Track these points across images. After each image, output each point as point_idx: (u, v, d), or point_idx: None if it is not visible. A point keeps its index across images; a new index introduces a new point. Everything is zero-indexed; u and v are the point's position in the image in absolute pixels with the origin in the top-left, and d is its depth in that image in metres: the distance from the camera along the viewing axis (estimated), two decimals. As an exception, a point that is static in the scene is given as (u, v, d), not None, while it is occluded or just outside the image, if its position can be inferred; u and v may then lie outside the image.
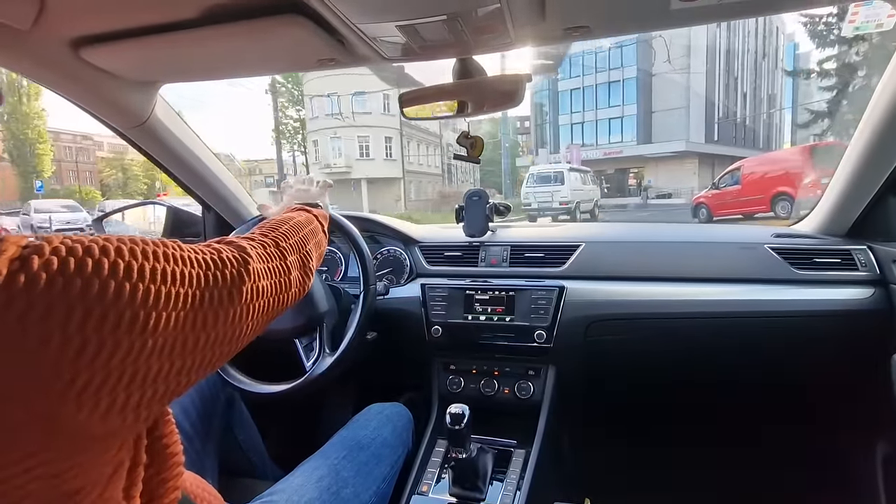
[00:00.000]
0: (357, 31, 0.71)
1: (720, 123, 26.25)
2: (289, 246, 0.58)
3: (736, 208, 10.22)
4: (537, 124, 30.33)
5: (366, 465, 0.81)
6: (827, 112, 15.66)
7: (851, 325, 0.99)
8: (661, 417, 1.37)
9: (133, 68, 0.88)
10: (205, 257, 0.43)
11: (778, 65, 30.05)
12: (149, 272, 0.35)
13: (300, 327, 0.97)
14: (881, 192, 0.98)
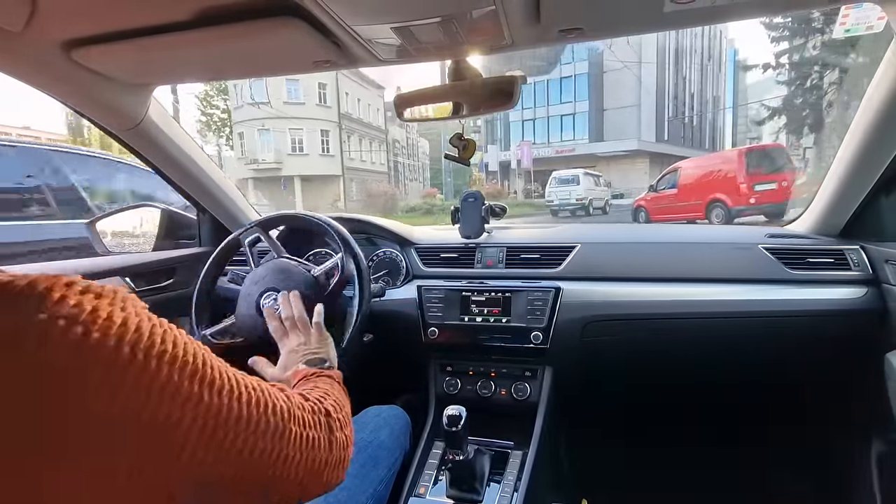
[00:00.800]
0: (352, 32, 0.70)
1: (670, 123, 26.41)
2: (337, 421, 0.55)
3: (673, 213, 9.88)
4: (487, 120, 29.26)
5: (362, 468, 0.81)
6: (771, 114, 16.83)
7: (845, 325, 1.00)
8: (658, 418, 1.37)
9: (126, 70, 0.87)
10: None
11: (721, 68, 30.89)
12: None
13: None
14: (873, 192, 0.99)
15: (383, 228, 1.29)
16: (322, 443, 0.47)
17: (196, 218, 1.43)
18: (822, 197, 1.10)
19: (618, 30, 0.79)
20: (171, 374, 0.34)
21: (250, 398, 0.40)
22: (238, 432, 0.37)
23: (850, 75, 13.56)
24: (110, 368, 0.31)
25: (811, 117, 15.89)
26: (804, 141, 18.13)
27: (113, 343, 0.32)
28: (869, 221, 1.05)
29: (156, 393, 0.33)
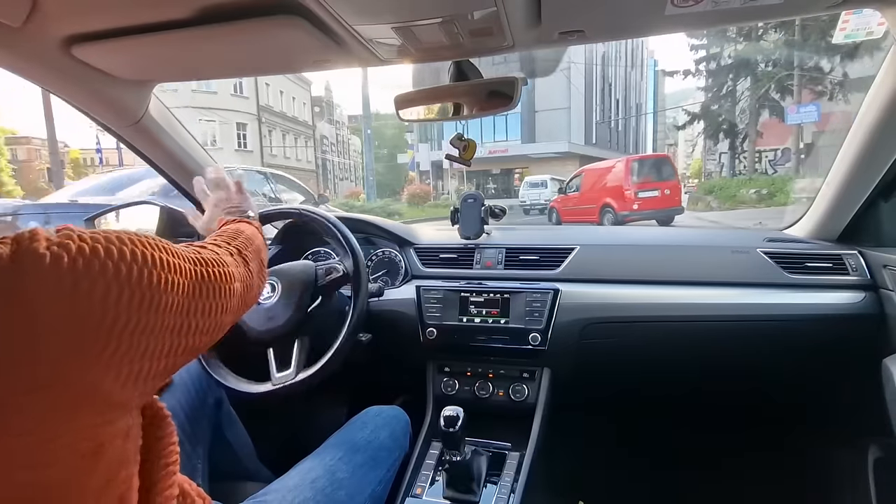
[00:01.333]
0: (353, 32, 0.70)
1: (598, 126, 26.68)
2: (249, 254, 0.63)
3: (575, 215, 10.51)
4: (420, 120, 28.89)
5: (361, 468, 0.81)
6: (690, 120, 17.94)
7: (842, 330, 1.00)
8: (655, 420, 1.37)
9: (126, 67, 0.87)
10: (190, 255, 0.48)
11: (643, 76, 31.86)
12: (159, 261, 0.40)
13: (292, 328, 0.96)
14: (872, 197, 0.99)
15: (382, 228, 1.29)
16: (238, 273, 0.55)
17: (195, 216, 1.43)
18: (821, 202, 1.10)
19: (619, 32, 0.79)
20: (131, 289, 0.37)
21: (202, 275, 0.47)
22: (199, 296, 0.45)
23: (760, 83, 14.52)
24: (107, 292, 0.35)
25: (727, 123, 16.63)
26: (720, 146, 18.92)
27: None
28: (867, 226, 1.05)
29: (123, 303, 0.36)
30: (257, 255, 0.66)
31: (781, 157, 16.15)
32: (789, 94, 14.11)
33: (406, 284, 1.20)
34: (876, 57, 9.94)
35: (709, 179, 18.37)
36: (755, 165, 16.33)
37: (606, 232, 1.41)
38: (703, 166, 23.09)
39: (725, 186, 13.65)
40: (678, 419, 1.36)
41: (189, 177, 1.25)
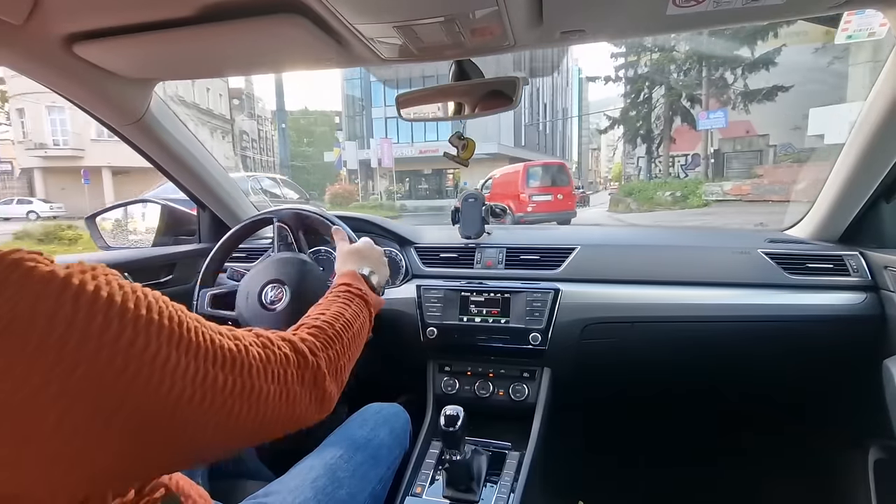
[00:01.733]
0: (354, 31, 0.70)
1: (527, 129, 26.86)
2: (330, 354, 0.56)
3: None
4: (349, 115, 27.48)
5: (362, 466, 0.80)
6: (611, 124, 19.09)
7: (843, 331, 1.00)
8: (655, 421, 1.37)
9: (128, 65, 0.87)
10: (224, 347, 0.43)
11: (569, 82, 32.74)
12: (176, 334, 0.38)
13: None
14: (873, 198, 0.99)
15: (383, 228, 1.29)
16: (293, 380, 0.48)
17: (196, 214, 1.43)
18: (823, 203, 1.10)
19: (620, 32, 0.79)
20: (148, 338, 0.36)
21: (224, 360, 0.41)
22: (206, 391, 0.39)
23: (673, 91, 15.56)
24: (85, 332, 0.33)
25: (643, 128, 17.79)
26: (638, 150, 19.81)
27: (85, 310, 0.33)
28: (869, 227, 1.05)
29: (133, 355, 0.34)
30: (345, 350, 0.58)
31: (692, 161, 17.07)
32: (698, 102, 15.26)
33: (407, 284, 1.20)
34: (773, 71, 10.32)
35: (628, 182, 18.97)
36: (669, 169, 17.35)
37: (607, 232, 1.41)
38: (623, 169, 23.55)
39: (643, 189, 14.29)
40: (678, 419, 1.36)
41: (190, 176, 1.25)
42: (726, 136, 15.17)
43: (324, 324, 0.59)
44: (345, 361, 0.58)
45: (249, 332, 0.48)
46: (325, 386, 0.51)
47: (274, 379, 0.45)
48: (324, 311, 0.63)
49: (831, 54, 10.55)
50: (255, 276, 0.99)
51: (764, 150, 15.00)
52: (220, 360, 0.40)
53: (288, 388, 0.46)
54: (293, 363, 0.48)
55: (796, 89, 12.67)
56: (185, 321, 0.39)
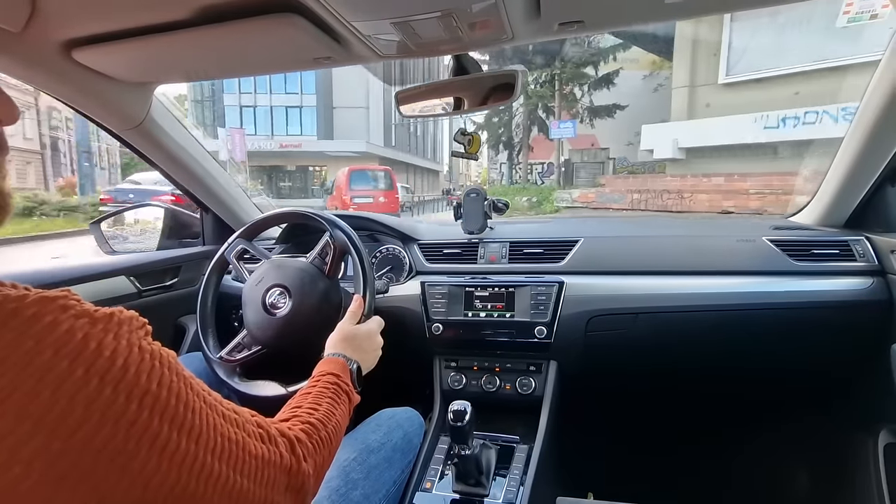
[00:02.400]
0: (352, 29, 0.70)
1: (397, 129, 25.90)
2: (317, 458, 0.54)
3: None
4: (196, 100, 24.16)
5: (376, 468, 0.81)
6: (475, 129, 18.65)
7: (851, 316, 1.00)
8: (663, 410, 1.37)
9: (127, 70, 0.87)
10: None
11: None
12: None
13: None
14: (878, 182, 0.98)
15: (385, 225, 1.29)
16: (279, 487, 0.45)
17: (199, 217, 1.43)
18: (827, 188, 1.09)
19: (619, 22, 0.78)
20: (151, 417, 0.34)
21: (223, 450, 0.39)
22: (199, 482, 0.36)
23: (531, 101, 16.31)
24: (88, 406, 0.31)
25: (505, 135, 18.49)
26: (500, 157, 20.39)
27: (95, 382, 0.31)
28: (874, 212, 1.04)
29: (133, 435, 0.32)
30: (325, 443, 0.55)
31: (547, 169, 18.20)
32: (553, 113, 16.44)
33: (411, 280, 1.20)
34: (613, 91, 12.20)
35: (492, 187, 19.36)
36: (528, 176, 18.28)
37: (611, 223, 1.40)
38: (489, 174, 23.60)
39: (505, 194, 15.11)
40: (686, 408, 1.36)
41: (193, 179, 1.25)
42: (575, 147, 16.50)
43: (317, 422, 0.56)
44: (326, 470, 0.55)
45: (252, 416, 0.46)
46: (306, 496, 0.49)
47: (263, 482, 0.42)
48: (316, 406, 0.59)
49: (656, 81, 12.31)
50: (260, 279, 0.99)
51: (605, 161, 16.56)
52: (220, 450, 0.38)
53: (272, 495, 0.43)
54: (286, 466, 0.46)
55: (631, 108, 14.46)
56: (192, 400, 0.37)
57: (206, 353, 1.01)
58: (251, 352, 0.98)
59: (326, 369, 0.69)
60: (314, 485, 0.51)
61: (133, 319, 0.36)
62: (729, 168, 9.14)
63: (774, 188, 7.74)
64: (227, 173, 1.35)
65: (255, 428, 0.44)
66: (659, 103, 11.40)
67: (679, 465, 1.36)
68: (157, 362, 0.36)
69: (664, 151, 10.35)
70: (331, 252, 0.99)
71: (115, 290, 1.10)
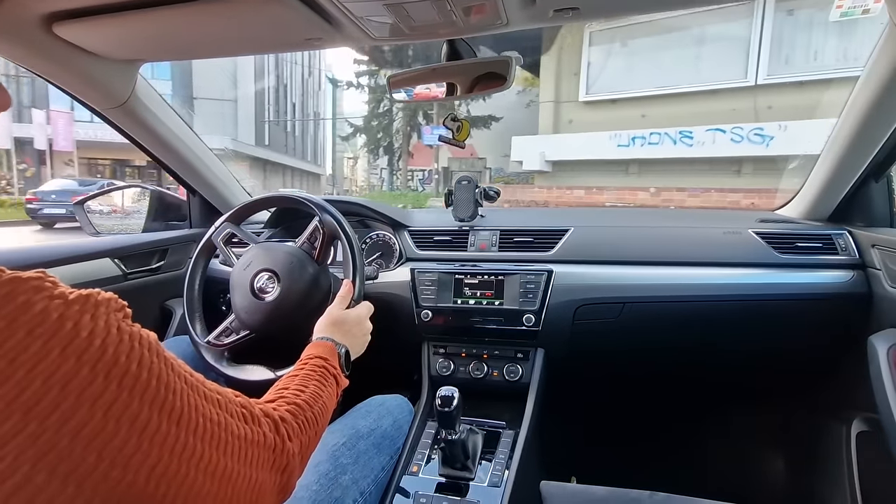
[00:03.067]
0: (344, 10, 0.69)
1: (272, 127, 24.16)
2: (302, 438, 0.54)
3: None
4: (10, 75, 18.16)
5: (365, 454, 0.82)
6: (353, 132, 19.07)
7: (831, 308, 1.02)
8: (647, 398, 1.40)
9: (111, 46, 0.85)
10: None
11: (321, 85, 30.85)
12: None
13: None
14: (862, 178, 1.00)
15: (377, 211, 1.28)
16: (264, 465, 0.45)
17: (186, 199, 1.41)
18: (813, 183, 1.10)
19: (614, 10, 0.78)
20: (131, 398, 0.33)
21: (206, 431, 0.38)
22: (181, 463, 0.36)
23: (409, 106, 15.90)
24: (65, 387, 0.30)
25: (385, 140, 17.98)
26: (380, 162, 19.89)
27: (72, 362, 0.31)
28: (857, 207, 1.06)
29: (112, 416, 0.32)
30: (310, 423, 0.55)
31: (427, 176, 18.10)
32: (431, 121, 16.24)
33: (400, 267, 1.20)
34: (489, 102, 12.19)
35: (372, 192, 19.02)
36: (409, 182, 18.12)
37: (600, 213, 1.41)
38: (368, 179, 22.99)
39: (382, 198, 14.68)
40: (669, 396, 1.39)
41: (179, 161, 1.23)
42: (455, 155, 16.51)
43: (304, 403, 0.56)
44: (311, 451, 0.55)
45: (236, 397, 0.46)
46: (291, 475, 0.49)
47: (247, 461, 0.42)
48: (302, 388, 0.59)
49: (529, 97, 12.74)
50: (248, 263, 0.98)
51: (483, 170, 16.76)
52: (202, 431, 0.38)
53: (258, 473, 0.43)
54: (270, 446, 0.46)
55: (506, 121, 14.50)
56: (173, 382, 0.37)
57: (193, 338, 1.00)
58: (239, 336, 0.98)
59: (314, 352, 0.69)
60: (300, 464, 0.51)
61: (111, 301, 0.36)
62: (590, 181, 9.88)
63: (626, 202, 8.54)
64: (215, 155, 1.32)
65: (238, 408, 0.44)
66: (531, 118, 11.85)
67: (660, 450, 1.40)
68: (136, 343, 0.35)
69: (533, 163, 10.74)
70: (320, 237, 0.98)
71: (99, 272, 1.08)
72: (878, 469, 0.98)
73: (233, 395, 0.46)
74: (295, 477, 0.50)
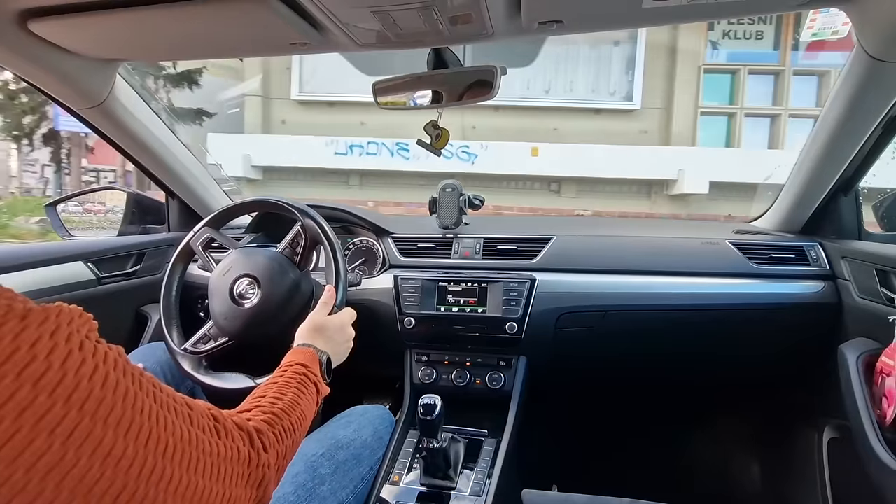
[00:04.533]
0: (331, 15, 0.69)
1: None
2: (279, 449, 0.52)
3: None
4: None
5: (344, 464, 0.81)
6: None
7: (803, 317, 1.05)
8: (626, 405, 1.42)
9: (89, 45, 0.83)
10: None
11: None
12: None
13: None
14: (832, 191, 1.03)
15: (360, 217, 1.27)
16: (239, 481, 0.44)
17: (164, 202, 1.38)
18: (786, 196, 1.14)
19: (597, 24, 0.80)
20: (93, 424, 0.31)
21: (175, 451, 0.37)
22: (149, 486, 0.34)
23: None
24: (20, 416, 0.28)
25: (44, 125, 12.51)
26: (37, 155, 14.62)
27: (27, 388, 0.29)
28: (828, 219, 1.10)
29: (72, 444, 0.30)
30: (287, 433, 0.54)
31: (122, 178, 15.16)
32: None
33: (384, 274, 1.20)
34: (200, 94, 9.06)
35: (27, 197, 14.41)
36: (92, 184, 14.26)
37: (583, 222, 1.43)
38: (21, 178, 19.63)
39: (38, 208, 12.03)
40: (650, 405, 1.40)
41: (158, 163, 1.21)
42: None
43: (281, 412, 0.55)
44: (289, 460, 0.54)
45: (208, 409, 0.44)
46: (267, 488, 0.48)
47: (220, 478, 0.41)
48: (280, 396, 0.58)
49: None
50: (228, 268, 0.96)
51: None
52: (171, 452, 0.36)
53: (232, 489, 0.42)
54: (244, 460, 0.44)
55: (223, 118, 11.88)
56: (141, 401, 0.35)
57: (169, 345, 0.97)
58: (217, 343, 0.96)
59: (294, 359, 0.68)
60: (276, 475, 0.50)
61: (74, 317, 0.34)
62: (308, 193, 8.96)
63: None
64: (196, 158, 1.30)
65: (210, 422, 0.43)
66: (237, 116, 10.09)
67: (641, 458, 1.41)
68: (100, 362, 0.33)
69: (235, 168, 8.88)
70: (302, 242, 0.97)
71: (71, 276, 1.04)
72: (849, 474, 1.01)
73: (205, 407, 0.44)
74: (271, 489, 0.49)
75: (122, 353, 0.36)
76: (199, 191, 1.31)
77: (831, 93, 0.90)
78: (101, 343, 0.35)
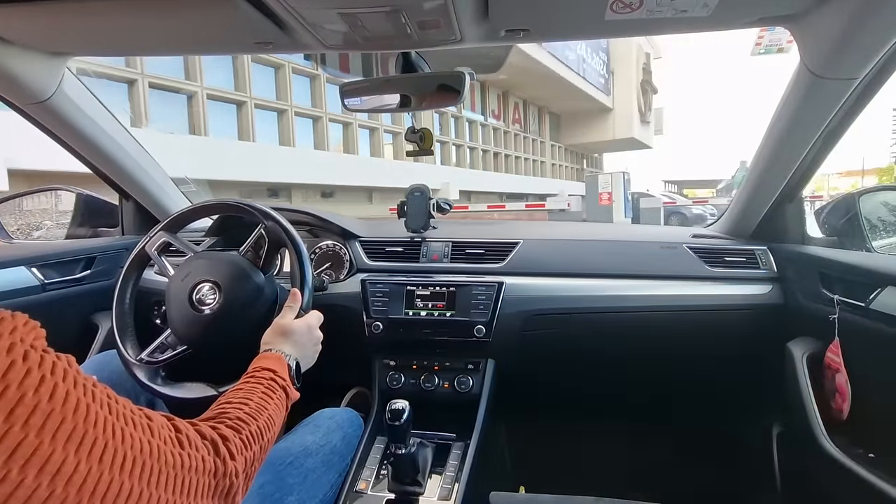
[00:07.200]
0: (296, 15, 0.68)
1: None
2: (246, 455, 0.51)
3: None
4: None
5: (313, 472, 0.78)
6: None
7: (753, 318, 1.11)
8: (591, 407, 1.45)
9: (36, 37, 0.78)
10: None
11: None
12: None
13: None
14: (779, 199, 1.10)
15: (326, 221, 1.25)
16: (205, 493, 0.42)
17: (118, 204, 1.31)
18: (737, 203, 1.20)
19: (561, 33, 0.82)
20: (39, 439, 0.29)
21: (133, 464, 0.35)
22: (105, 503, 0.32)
23: None
24: None
25: None
26: None
27: None
28: (775, 225, 1.16)
29: (16, 461, 0.28)
30: (261, 453, 0.53)
31: None
32: None
33: (351, 278, 1.18)
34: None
35: None
36: None
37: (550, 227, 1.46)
38: None
39: None
40: (614, 406, 1.44)
41: (110, 163, 1.15)
42: None
43: (247, 417, 0.53)
44: (257, 467, 0.52)
45: (168, 421, 0.42)
46: (235, 498, 0.46)
47: (184, 491, 0.39)
48: (246, 401, 0.56)
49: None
50: (186, 273, 0.92)
51: None
52: (130, 465, 0.34)
53: (197, 501, 0.40)
54: (209, 470, 0.42)
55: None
56: (93, 413, 0.33)
57: (123, 355, 0.92)
58: (176, 352, 0.91)
59: (261, 364, 0.66)
60: (244, 484, 0.48)
61: (18, 325, 0.31)
62: None
63: None
64: (153, 158, 1.24)
65: (170, 433, 0.41)
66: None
67: (602, 457, 1.44)
68: (48, 373, 0.31)
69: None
70: (265, 245, 0.95)
71: (11, 282, 0.97)
72: (797, 467, 1.07)
73: (165, 418, 0.42)
74: (239, 499, 0.47)
75: (72, 362, 0.34)
76: (155, 192, 1.26)
77: (777, 107, 0.96)
78: (49, 353, 0.33)
